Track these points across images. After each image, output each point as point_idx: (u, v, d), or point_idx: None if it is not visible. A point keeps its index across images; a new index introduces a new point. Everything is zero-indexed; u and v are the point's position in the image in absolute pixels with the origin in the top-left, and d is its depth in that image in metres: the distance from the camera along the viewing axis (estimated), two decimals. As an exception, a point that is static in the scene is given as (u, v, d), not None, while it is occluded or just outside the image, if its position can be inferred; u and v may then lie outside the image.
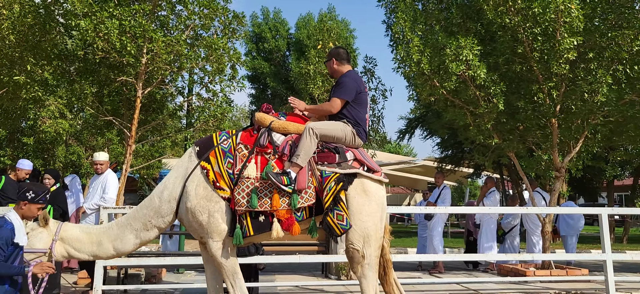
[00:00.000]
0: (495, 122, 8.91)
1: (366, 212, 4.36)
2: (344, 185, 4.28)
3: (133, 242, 4.54)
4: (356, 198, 4.35)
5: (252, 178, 4.27)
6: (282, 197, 4.22)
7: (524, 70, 8.76)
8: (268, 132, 4.46)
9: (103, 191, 8.19)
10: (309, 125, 4.40)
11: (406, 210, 8.91)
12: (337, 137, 4.51)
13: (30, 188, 4.42)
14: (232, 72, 9.46)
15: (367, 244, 4.35)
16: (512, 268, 9.45)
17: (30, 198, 4.35)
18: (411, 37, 8.44)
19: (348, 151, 4.48)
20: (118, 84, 9.16)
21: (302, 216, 4.30)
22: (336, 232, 4.24)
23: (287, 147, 4.40)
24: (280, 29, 25.11)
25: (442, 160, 19.54)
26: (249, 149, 4.42)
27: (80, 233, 4.49)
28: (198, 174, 4.40)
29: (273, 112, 4.68)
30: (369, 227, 4.35)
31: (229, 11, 9.12)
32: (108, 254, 4.57)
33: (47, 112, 14.91)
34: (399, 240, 18.76)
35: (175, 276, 9.50)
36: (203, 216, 4.33)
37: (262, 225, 4.26)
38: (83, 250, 4.47)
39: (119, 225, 4.61)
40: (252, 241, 4.69)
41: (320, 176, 4.33)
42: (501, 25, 8.34)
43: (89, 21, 8.08)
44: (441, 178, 10.66)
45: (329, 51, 5.07)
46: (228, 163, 4.37)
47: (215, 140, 4.53)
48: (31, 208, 4.36)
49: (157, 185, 4.68)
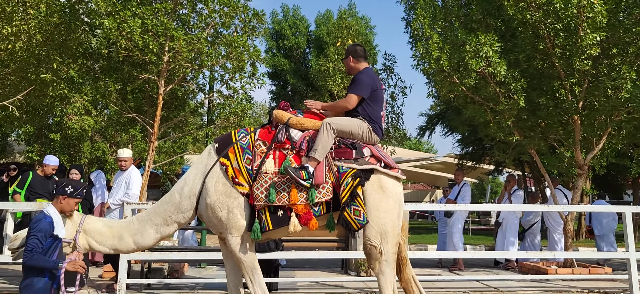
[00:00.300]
0: (516, 118, 8.84)
1: (383, 208, 4.39)
2: (360, 181, 4.32)
3: (153, 237, 4.64)
4: (373, 194, 4.39)
5: (270, 174, 4.33)
6: (300, 192, 4.28)
7: (545, 67, 8.67)
8: (286, 128, 4.53)
9: (127, 187, 8.37)
10: (326, 121, 4.45)
11: (425, 207, 8.93)
12: (354, 133, 4.55)
13: (68, 183, 4.54)
14: (252, 69, 9.54)
15: (385, 240, 4.38)
16: (534, 265, 9.38)
17: (69, 193, 4.47)
18: (430, 33, 8.42)
19: (365, 148, 4.52)
20: (141, 82, 9.32)
21: (320, 211, 4.35)
22: (353, 227, 4.28)
23: (304, 142, 4.46)
24: (300, 26, 25.16)
25: (462, 156, 19.40)
26: (267, 145, 4.48)
27: (103, 227, 4.61)
28: (217, 170, 4.48)
29: (291, 110, 4.75)
30: (386, 223, 4.38)
31: (249, 9, 9.19)
32: (128, 249, 4.67)
33: (73, 109, 15.23)
34: (419, 236, 18.70)
35: (197, 271, 9.64)
36: (222, 212, 4.41)
37: (280, 219, 4.32)
38: (104, 243, 4.58)
39: (139, 220, 4.71)
40: (271, 237, 4.75)
41: (337, 171, 4.38)
42: (522, 21, 8.27)
43: (112, 20, 8.24)
44: (461, 175, 10.62)
45: (346, 48, 5.12)
46: (247, 159, 4.44)
47: (234, 136, 4.60)
48: (69, 202, 4.48)
49: (178, 181, 4.77)
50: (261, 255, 7.27)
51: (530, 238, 10.73)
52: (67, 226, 4.48)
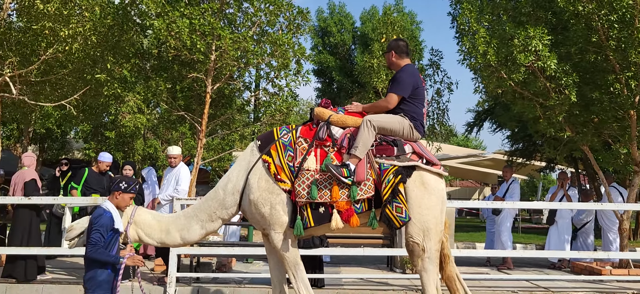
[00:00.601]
0: (568, 114, 8.55)
1: (425, 205, 4.36)
2: (402, 178, 4.32)
3: (198, 232, 4.77)
4: (415, 191, 4.37)
5: (312, 171, 4.38)
6: (342, 189, 4.31)
7: (599, 60, 8.35)
8: (327, 126, 4.56)
9: (176, 183, 8.63)
10: (367, 118, 4.46)
11: (472, 204, 8.77)
12: (395, 130, 4.54)
13: (122, 180, 4.78)
14: (297, 67, 9.63)
15: (427, 237, 4.35)
16: (587, 266, 9.06)
17: (124, 189, 4.70)
18: (477, 28, 8.25)
19: (407, 144, 4.50)
20: (189, 80, 9.57)
21: (362, 208, 4.37)
22: (395, 224, 4.28)
23: (345, 139, 4.48)
24: (345, 23, 25.15)
25: (512, 153, 18.94)
26: (309, 142, 4.53)
27: (152, 220, 4.79)
28: (260, 167, 4.56)
29: (332, 107, 4.77)
30: (428, 220, 4.35)
31: (294, 7, 9.28)
32: (175, 243, 4.83)
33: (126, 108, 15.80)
34: (467, 234, 18.38)
35: (245, 266, 9.82)
36: (265, 208, 4.48)
37: (322, 216, 4.36)
38: (152, 236, 4.75)
39: (186, 215, 4.86)
40: (313, 233, 4.80)
41: (378, 168, 4.39)
42: (574, 13, 7.99)
43: (161, 21, 8.49)
44: (510, 172, 10.38)
45: (388, 43, 5.09)
46: (288, 156, 4.50)
47: (276, 134, 4.67)
48: (124, 198, 4.71)
49: (222, 178, 4.89)
50: (306, 251, 7.36)
51: (582, 238, 10.36)
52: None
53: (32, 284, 7.37)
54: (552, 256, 10.04)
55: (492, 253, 9.78)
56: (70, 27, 8.43)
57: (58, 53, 8.74)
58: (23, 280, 7.39)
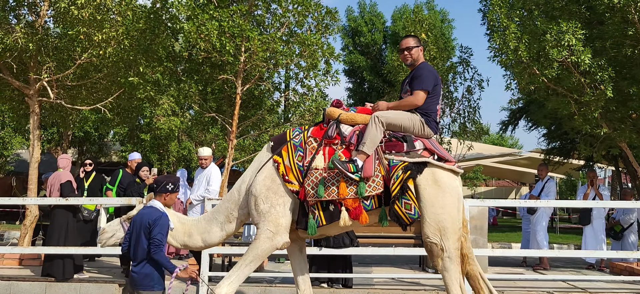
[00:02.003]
0: (604, 110, 8.32)
1: (440, 204, 4.29)
2: (412, 174, 4.26)
3: (219, 234, 4.84)
4: (428, 189, 4.31)
5: (320, 169, 4.39)
6: (349, 186, 4.29)
7: (636, 54, 8.09)
8: (336, 124, 4.56)
9: (207, 184, 8.76)
10: (375, 114, 4.43)
11: (504, 203, 8.60)
12: (405, 126, 4.49)
13: (168, 181, 4.86)
14: (326, 67, 9.66)
15: (445, 237, 4.28)
16: (627, 266, 8.78)
17: (171, 189, 4.80)
18: (507, 23, 8.11)
19: (417, 141, 4.45)
20: (220, 82, 9.71)
21: (371, 205, 4.34)
22: (404, 221, 4.24)
23: (354, 136, 4.47)
24: (376, 22, 25.08)
25: (549, 151, 18.53)
26: (318, 142, 4.54)
27: (177, 222, 4.87)
28: (269, 166, 4.60)
29: (343, 106, 4.77)
30: (444, 219, 4.28)
31: (322, 7, 9.34)
32: (197, 246, 4.91)
33: (160, 110, 16.13)
34: (503, 234, 18.06)
35: (276, 265, 9.88)
36: (265, 205, 4.51)
37: (332, 214, 4.36)
38: (177, 238, 4.84)
39: (206, 219, 4.94)
40: (326, 233, 4.78)
41: (387, 165, 4.34)
42: (609, 5, 7.76)
43: (191, 24, 8.66)
44: (545, 170, 10.14)
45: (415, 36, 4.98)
46: (298, 156, 4.52)
47: (288, 135, 4.71)
48: (172, 197, 4.83)
49: (237, 181, 4.94)
50: (336, 251, 7.37)
51: (627, 238, 10.06)
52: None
53: (70, 283, 7.60)
54: (587, 255, 9.75)
55: (526, 253, 9.58)
56: (103, 31, 8.65)
57: (93, 57, 8.98)
58: (61, 279, 7.62)
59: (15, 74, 9.24)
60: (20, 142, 21.04)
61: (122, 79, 9.90)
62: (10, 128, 19.91)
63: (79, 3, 8.14)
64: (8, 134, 19.84)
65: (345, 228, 4.45)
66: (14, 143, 20.50)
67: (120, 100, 10.37)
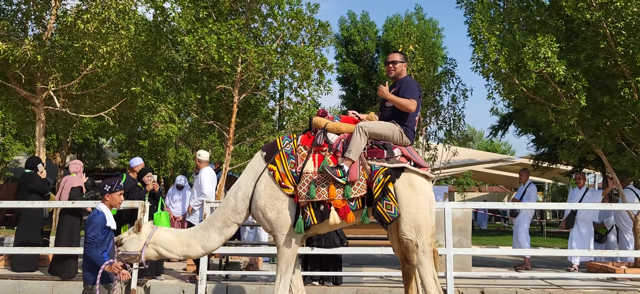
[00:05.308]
0: (579, 118, 8.83)
1: (414, 204, 4.84)
2: (391, 178, 4.80)
3: (218, 239, 5.25)
4: (404, 191, 4.84)
5: (310, 173, 4.89)
6: (337, 188, 4.80)
7: (608, 65, 8.61)
8: (323, 133, 5.07)
9: (200, 188, 9.05)
10: (359, 124, 4.97)
11: (482, 205, 9.07)
12: (385, 135, 5.03)
13: (105, 183, 5.40)
14: (319, 77, 10.14)
15: (419, 234, 4.83)
16: (602, 265, 9.29)
17: (109, 190, 5.32)
18: (489, 37, 8.61)
19: (396, 148, 4.99)
20: (217, 91, 10.18)
21: (356, 206, 4.87)
22: (386, 220, 4.77)
23: (340, 144, 4.99)
24: (369, 31, 25.57)
25: (538, 157, 18.95)
26: (308, 149, 5.05)
27: (172, 237, 5.23)
28: (266, 176, 5.07)
29: (328, 115, 5.28)
30: (418, 218, 4.83)
31: (315, 21, 9.81)
32: (197, 254, 5.32)
33: (159, 118, 16.56)
34: (492, 237, 18.58)
35: (271, 266, 10.27)
36: (272, 213, 5.00)
37: (322, 213, 4.86)
38: (174, 251, 5.19)
39: (203, 227, 5.33)
40: (317, 231, 5.27)
41: (370, 169, 4.88)
42: (583, 20, 8.28)
43: (191, 37, 9.12)
44: (526, 175, 10.64)
45: (401, 53, 5.55)
46: (291, 163, 5.01)
47: (279, 144, 5.18)
48: (114, 197, 5.35)
49: (232, 187, 5.36)
50: (327, 251, 7.80)
51: (610, 239, 10.57)
52: (134, 240, 5.11)
53: (75, 282, 8.03)
54: (568, 254, 10.18)
55: (504, 251, 10.05)
56: (108, 44, 9.10)
57: (97, 68, 9.43)
58: (65, 277, 8.06)
59: (22, 84, 9.68)
60: (20, 149, 21.36)
61: (124, 89, 10.35)
62: (11, 135, 20.24)
63: (85, 17, 8.61)
64: (8, 141, 20.16)
65: (335, 226, 4.94)
66: (14, 149, 20.80)
67: (122, 108, 10.81)
